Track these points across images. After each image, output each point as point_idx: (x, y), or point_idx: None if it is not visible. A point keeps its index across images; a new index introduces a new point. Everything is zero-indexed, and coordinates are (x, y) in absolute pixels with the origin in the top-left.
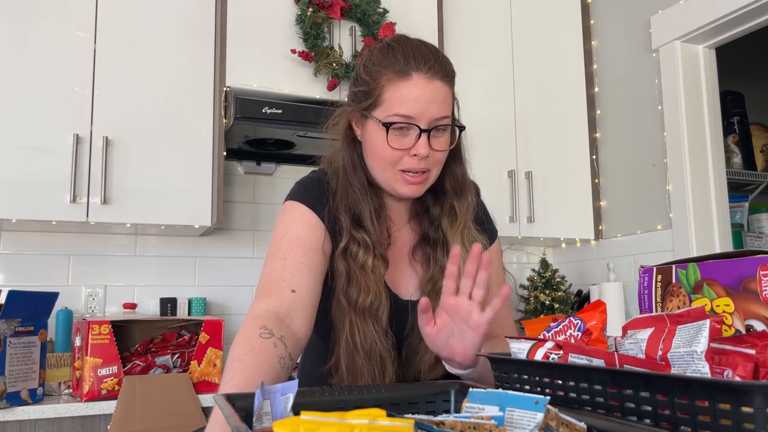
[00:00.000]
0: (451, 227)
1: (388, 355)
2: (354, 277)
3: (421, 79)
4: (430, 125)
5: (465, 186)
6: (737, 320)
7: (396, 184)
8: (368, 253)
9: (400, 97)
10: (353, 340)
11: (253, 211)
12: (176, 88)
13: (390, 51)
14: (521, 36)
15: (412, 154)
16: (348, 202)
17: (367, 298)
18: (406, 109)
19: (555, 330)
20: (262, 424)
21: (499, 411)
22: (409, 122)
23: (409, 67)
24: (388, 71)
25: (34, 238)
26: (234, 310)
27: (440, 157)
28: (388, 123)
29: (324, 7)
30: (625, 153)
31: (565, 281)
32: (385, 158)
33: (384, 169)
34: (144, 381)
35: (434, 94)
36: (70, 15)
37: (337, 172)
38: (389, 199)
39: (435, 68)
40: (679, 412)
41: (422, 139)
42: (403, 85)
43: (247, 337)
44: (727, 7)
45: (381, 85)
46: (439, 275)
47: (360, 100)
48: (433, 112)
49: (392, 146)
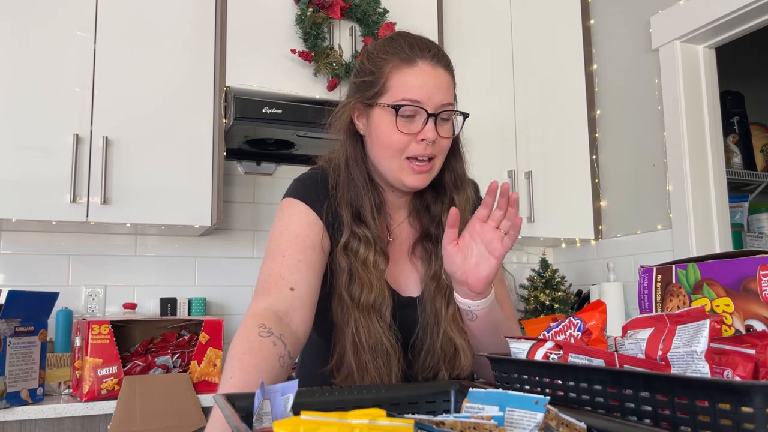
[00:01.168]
0: None
1: (394, 351)
2: (356, 273)
3: (427, 66)
4: (436, 110)
5: (464, 181)
6: (737, 320)
7: (402, 173)
8: (369, 248)
9: (407, 83)
10: (358, 337)
11: (253, 211)
12: (176, 88)
13: (394, 41)
14: (521, 36)
15: (420, 140)
16: (350, 196)
17: (371, 294)
18: (413, 94)
19: (555, 330)
20: (262, 424)
21: (499, 411)
22: (417, 106)
23: (415, 54)
24: (394, 58)
25: (34, 238)
26: (234, 310)
27: (445, 144)
28: (397, 105)
29: (324, 7)
30: (625, 153)
31: (565, 281)
32: (392, 145)
33: (391, 158)
34: (144, 381)
35: (439, 81)
36: (70, 15)
37: (337, 169)
38: (389, 195)
39: (439, 56)
40: (679, 412)
41: (430, 123)
42: (409, 71)
43: (246, 335)
44: (727, 7)
45: (387, 73)
46: (441, 271)
47: (364, 90)
48: (439, 98)
49: (401, 131)
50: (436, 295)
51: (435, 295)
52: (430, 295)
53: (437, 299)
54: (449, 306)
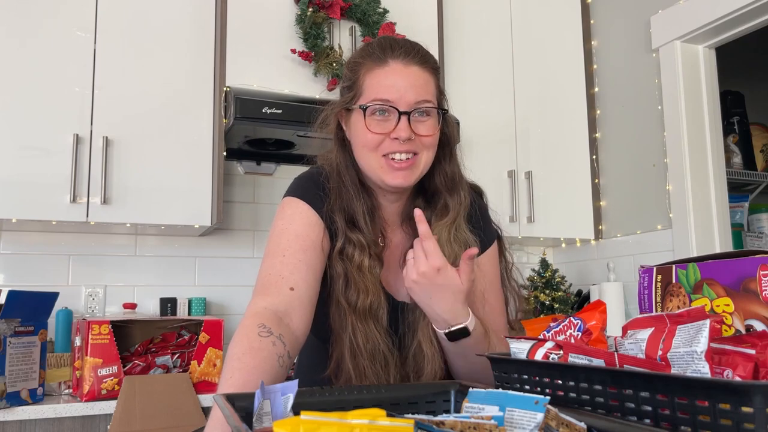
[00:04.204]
0: (438, 223)
1: (391, 355)
2: (352, 278)
3: (398, 65)
4: (410, 108)
5: (456, 183)
6: (737, 320)
7: (382, 172)
8: (364, 253)
9: (378, 83)
10: (356, 342)
11: (253, 211)
12: (176, 88)
13: (369, 45)
14: (521, 36)
15: (393, 138)
16: (342, 202)
17: (367, 299)
18: (384, 93)
19: (555, 330)
20: (262, 424)
21: (499, 411)
22: (386, 105)
23: (386, 54)
24: (367, 61)
25: (34, 238)
26: (234, 310)
27: (428, 141)
28: (365, 106)
29: (324, 7)
30: (625, 153)
31: (565, 281)
32: (366, 144)
33: (368, 157)
34: (144, 381)
35: (412, 78)
36: (70, 15)
37: (332, 173)
38: (382, 200)
39: (411, 54)
40: (679, 412)
41: (402, 121)
42: (380, 71)
43: (245, 335)
44: (727, 7)
45: (361, 76)
46: None
47: (345, 96)
48: (412, 96)
49: (372, 130)
50: None
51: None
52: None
53: (419, 308)
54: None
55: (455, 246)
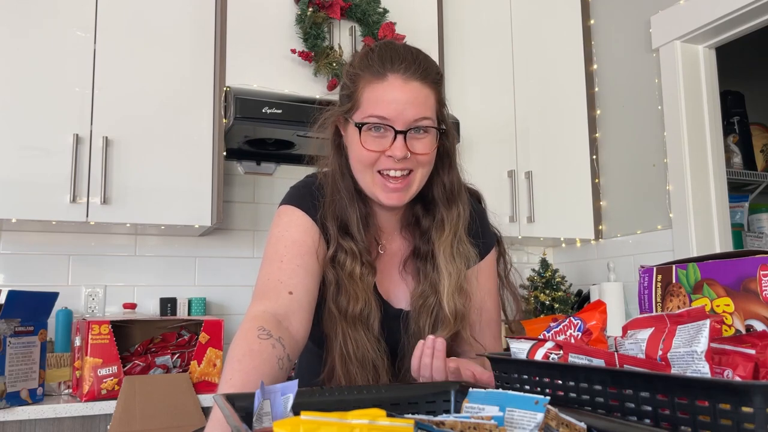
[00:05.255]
0: (439, 239)
1: (381, 362)
2: (343, 285)
3: (398, 80)
4: (406, 127)
5: (455, 195)
6: (737, 320)
7: (376, 189)
8: (355, 261)
9: (376, 99)
10: (346, 349)
11: (253, 211)
12: (176, 88)
13: (369, 54)
14: (521, 36)
15: (388, 156)
16: (336, 209)
17: (357, 306)
18: (381, 110)
19: (555, 330)
20: (262, 424)
21: (499, 411)
22: (383, 123)
23: (385, 68)
24: (366, 73)
25: (34, 238)
26: (234, 310)
27: (424, 159)
28: (360, 123)
29: (324, 7)
30: (625, 153)
31: (565, 281)
32: (361, 160)
33: (363, 172)
34: (144, 381)
35: (412, 96)
36: (70, 15)
37: (327, 179)
38: (377, 207)
39: (412, 69)
40: (679, 412)
41: (398, 140)
42: (379, 86)
43: (245, 338)
44: (727, 7)
45: (360, 88)
46: (429, 291)
47: (344, 104)
48: (410, 114)
49: (367, 148)
50: (421, 313)
51: (420, 314)
52: (416, 312)
53: (422, 318)
54: (432, 327)
55: (458, 261)
